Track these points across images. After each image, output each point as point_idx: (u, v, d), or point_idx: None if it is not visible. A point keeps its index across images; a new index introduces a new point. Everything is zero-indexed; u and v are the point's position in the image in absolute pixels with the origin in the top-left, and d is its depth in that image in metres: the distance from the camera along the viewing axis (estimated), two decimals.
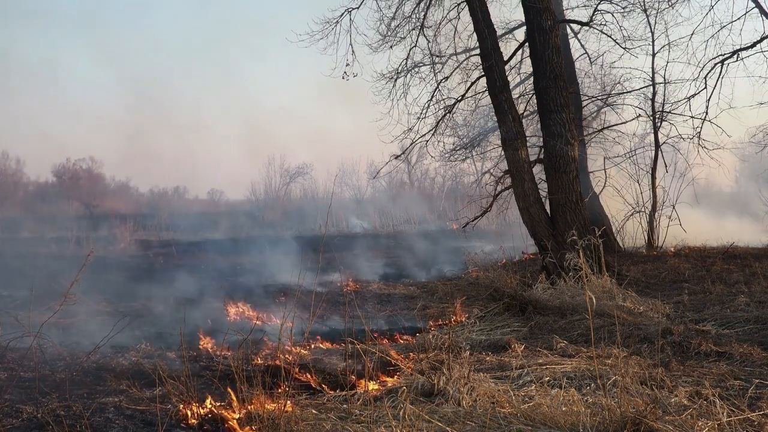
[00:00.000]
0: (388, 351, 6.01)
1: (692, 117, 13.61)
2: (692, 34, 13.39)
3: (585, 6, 14.75)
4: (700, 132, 13.76)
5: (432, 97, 12.74)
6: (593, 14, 11.57)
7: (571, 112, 10.60)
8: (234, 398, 4.26)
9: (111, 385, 4.94)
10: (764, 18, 12.60)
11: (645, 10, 13.84)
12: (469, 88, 12.49)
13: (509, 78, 11.97)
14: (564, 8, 15.29)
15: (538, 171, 11.77)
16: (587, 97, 15.92)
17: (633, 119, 13.65)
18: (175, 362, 5.88)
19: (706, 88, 13.05)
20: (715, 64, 12.92)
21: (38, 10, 75.28)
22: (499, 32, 13.36)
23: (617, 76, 16.37)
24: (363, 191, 46.51)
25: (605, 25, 11.95)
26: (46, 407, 4.26)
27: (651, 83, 15.24)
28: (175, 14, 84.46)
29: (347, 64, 12.60)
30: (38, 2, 75.51)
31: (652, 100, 15.58)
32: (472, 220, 11.87)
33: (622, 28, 12.11)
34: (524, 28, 12.17)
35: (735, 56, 12.73)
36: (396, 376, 5.44)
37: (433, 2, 12.66)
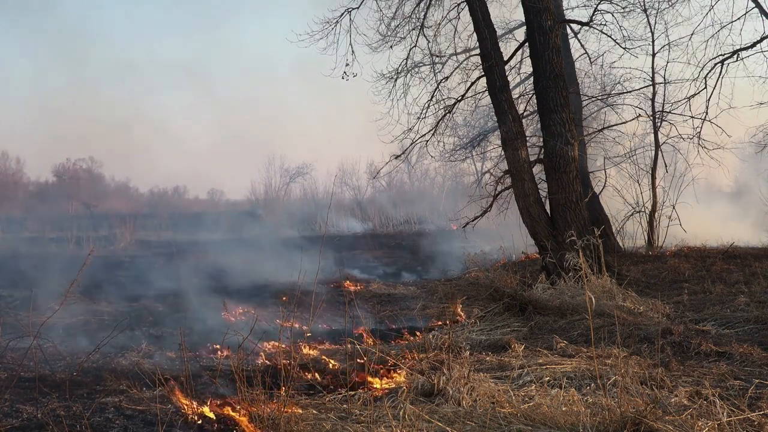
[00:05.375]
0: (388, 351, 6.01)
1: (692, 117, 13.61)
2: (692, 34, 13.41)
3: (585, 6, 14.74)
4: (700, 132, 13.76)
5: (432, 97, 12.73)
6: (593, 14, 11.55)
7: (571, 112, 10.59)
8: (235, 398, 4.26)
9: (111, 385, 4.93)
10: (764, 18, 12.60)
11: (645, 10, 13.84)
12: (469, 88, 12.48)
13: (509, 78, 11.96)
14: (564, 8, 15.27)
15: (538, 171, 11.76)
16: (587, 97, 15.92)
17: (633, 119, 13.62)
18: (176, 362, 5.88)
19: (706, 88, 13.05)
20: (715, 64, 12.91)
21: None
22: (499, 32, 13.35)
23: (617, 76, 16.37)
24: (363, 191, 46.48)
25: (605, 25, 11.93)
26: (46, 407, 4.26)
27: (651, 83, 15.23)
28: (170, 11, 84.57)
29: (347, 64, 12.59)
30: None
31: (652, 100, 15.57)
32: (472, 220, 11.86)
33: (622, 28, 12.09)
34: (524, 28, 12.16)
35: (735, 56, 12.72)
36: (396, 373, 5.44)
37: (433, 2, 12.64)
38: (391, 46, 12.99)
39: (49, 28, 77.51)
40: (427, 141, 12.93)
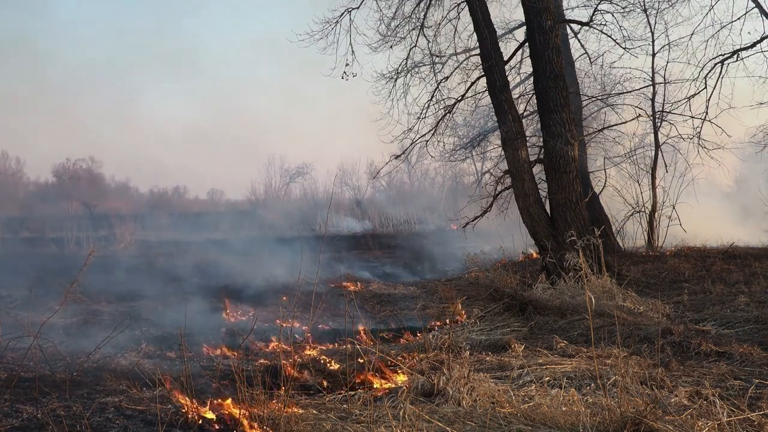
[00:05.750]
0: (388, 351, 6.01)
1: (692, 117, 13.62)
2: (692, 34, 13.43)
3: (585, 6, 14.74)
4: (700, 132, 13.77)
5: (432, 97, 12.74)
6: (593, 14, 11.56)
7: (571, 112, 10.59)
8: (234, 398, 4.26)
9: (111, 385, 4.93)
10: (764, 18, 12.61)
11: (645, 10, 13.84)
12: (469, 88, 12.49)
13: (509, 78, 11.97)
14: (564, 8, 15.27)
15: (538, 171, 11.76)
16: (587, 97, 15.92)
17: (633, 119, 13.63)
18: (176, 362, 5.88)
19: (706, 88, 13.06)
20: (715, 64, 12.92)
21: None
22: (499, 32, 13.35)
23: (617, 76, 16.39)
24: (363, 191, 46.51)
25: (605, 25, 11.94)
26: (46, 407, 4.26)
27: (651, 83, 15.24)
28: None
29: (347, 64, 12.61)
30: None
31: (652, 100, 15.58)
32: (472, 220, 11.86)
33: (622, 28, 12.09)
34: (524, 28, 12.17)
35: (735, 56, 12.73)
36: (397, 373, 5.44)
37: (433, 2, 12.65)
38: (391, 46, 13.01)
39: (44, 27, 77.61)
40: (427, 141, 12.94)
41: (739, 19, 12.83)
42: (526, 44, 11.34)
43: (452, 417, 4.14)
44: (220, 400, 4.38)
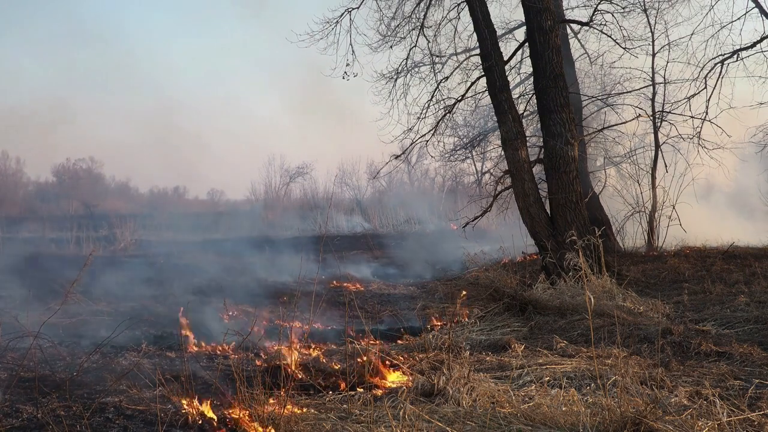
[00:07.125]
0: (388, 351, 6.01)
1: (692, 117, 13.60)
2: (692, 34, 13.41)
3: (585, 6, 14.76)
4: (700, 132, 13.75)
5: (432, 97, 12.75)
6: (593, 14, 11.56)
7: (571, 112, 10.59)
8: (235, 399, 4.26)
9: (111, 385, 4.93)
10: (764, 18, 12.60)
11: (645, 10, 13.83)
12: (469, 88, 12.49)
13: (509, 78, 11.97)
14: (564, 8, 15.28)
15: (538, 171, 11.76)
16: (587, 97, 15.92)
17: (633, 119, 13.61)
18: (176, 362, 5.88)
19: (706, 88, 13.05)
20: (715, 64, 12.92)
21: None
22: (499, 32, 13.36)
23: (617, 76, 16.39)
24: (363, 191, 46.48)
25: (605, 25, 11.93)
26: (46, 407, 4.26)
27: (651, 83, 15.23)
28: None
29: (347, 64, 12.61)
30: None
31: (652, 100, 15.57)
32: (472, 220, 11.87)
33: (622, 28, 12.08)
34: (524, 28, 12.17)
35: (735, 56, 12.73)
36: (397, 373, 5.44)
37: (433, 2, 12.66)
38: (391, 46, 13.03)
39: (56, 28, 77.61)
40: (427, 141, 12.94)
41: (739, 19, 12.84)
42: (526, 44, 11.33)
43: (452, 417, 4.14)
44: (219, 400, 4.38)
